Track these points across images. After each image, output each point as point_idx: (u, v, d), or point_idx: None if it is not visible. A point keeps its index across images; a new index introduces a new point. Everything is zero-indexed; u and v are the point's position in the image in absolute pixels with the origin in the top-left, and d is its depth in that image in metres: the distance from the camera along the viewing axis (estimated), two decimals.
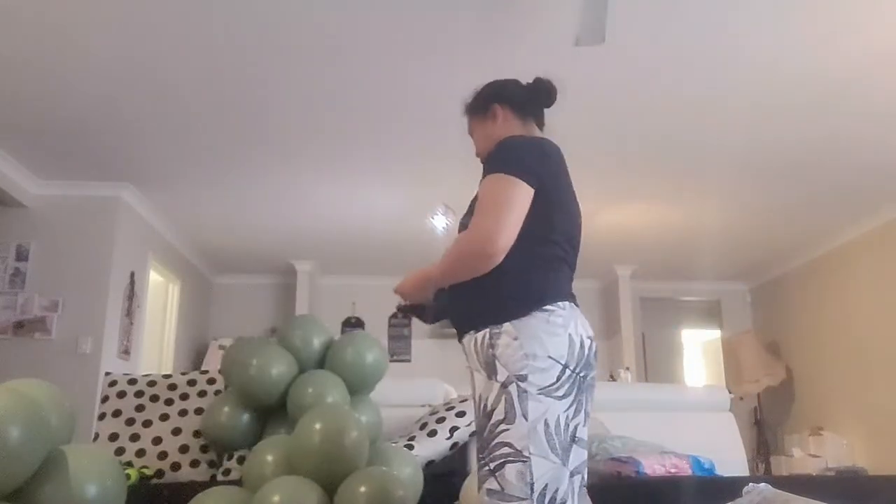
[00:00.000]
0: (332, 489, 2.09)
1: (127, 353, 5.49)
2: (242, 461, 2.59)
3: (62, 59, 3.64)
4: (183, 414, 2.92)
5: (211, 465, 2.79)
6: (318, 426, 2.15)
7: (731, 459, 3.20)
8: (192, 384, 3.05)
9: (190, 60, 3.68)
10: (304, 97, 4.08)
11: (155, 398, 2.98)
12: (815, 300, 6.97)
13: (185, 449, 2.81)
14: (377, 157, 4.95)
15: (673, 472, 2.63)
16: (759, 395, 7.32)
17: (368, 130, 4.52)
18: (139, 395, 2.99)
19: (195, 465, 2.77)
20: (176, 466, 2.76)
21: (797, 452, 6.56)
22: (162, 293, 6.59)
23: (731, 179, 5.31)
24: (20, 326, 5.06)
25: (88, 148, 4.73)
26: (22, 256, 5.18)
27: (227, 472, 2.65)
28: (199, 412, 2.90)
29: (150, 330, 6.09)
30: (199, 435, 2.84)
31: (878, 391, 5.97)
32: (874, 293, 6.09)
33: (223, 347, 6.12)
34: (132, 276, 5.61)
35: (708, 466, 2.73)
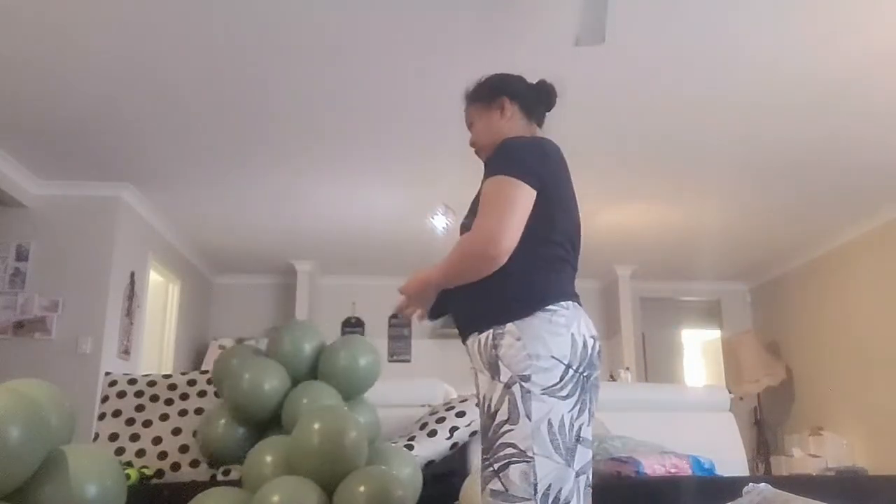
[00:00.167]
0: (331, 489, 2.09)
1: (127, 353, 5.49)
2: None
3: (62, 59, 3.64)
4: (183, 414, 2.92)
5: (211, 465, 2.78)
6: (317, 426, 2.15)
7: (731, 459, 3.20)
8: (192, 384, 3.04)
9: (190, 60, 3.68)
10: (304, 97, 4.08)
11: (155, 398, 2.98)
12: (815, 300, 6.97)
13: (185, 449, 2.81)
14: (377, 157, 4.95)
15: (673, 472, 2.63)
16: (759, 395, 7.31)
17: (368, 130, 4.52)
18: (139, 395, 2.98)
19: (195, 465, 2.77)
20: (176, 466, 2.76)
21: (797, 452, 6.55)
22: (162, 293, 6.59)
23: (730, 179, 5.31)
24: (20, 326, 5.05)
25: (88, 148, 4.73)
26: (22, 256, 5.18)
27: (227, 472, 2.65)
28: (199, 412, 2.90)
29: (150, 330, 6.09)
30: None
31: (878, 391, 5.97)
32: (874, 293, 6.08)
33: (223, 347, 6.13)
34: (132, 276, 5.61)
35: (708, 466, 2.73)
